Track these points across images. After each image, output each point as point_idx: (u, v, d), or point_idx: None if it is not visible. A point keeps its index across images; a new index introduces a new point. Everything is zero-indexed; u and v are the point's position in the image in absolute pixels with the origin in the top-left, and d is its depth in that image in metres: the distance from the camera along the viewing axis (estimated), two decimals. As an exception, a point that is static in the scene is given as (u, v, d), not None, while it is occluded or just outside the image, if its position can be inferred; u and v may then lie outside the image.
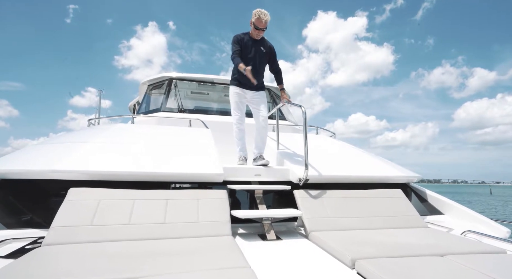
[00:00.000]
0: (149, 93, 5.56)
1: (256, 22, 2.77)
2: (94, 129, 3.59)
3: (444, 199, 2.79)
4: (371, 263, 1.42)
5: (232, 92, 2.99)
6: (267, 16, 2.77)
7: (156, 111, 4.86)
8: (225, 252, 1.51)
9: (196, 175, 2.25)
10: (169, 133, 3.17)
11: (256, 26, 2.79)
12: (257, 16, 2.75)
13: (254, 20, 2.78)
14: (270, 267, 1.53)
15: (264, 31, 2.86)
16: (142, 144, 2.69)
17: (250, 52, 2.86)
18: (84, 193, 1.92)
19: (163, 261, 1.35)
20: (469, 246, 1.74)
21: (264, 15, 2.75)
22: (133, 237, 1.72)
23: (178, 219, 1.87)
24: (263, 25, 2.79)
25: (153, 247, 1.56)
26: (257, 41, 2.91)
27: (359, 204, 2.37)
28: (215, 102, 5.62)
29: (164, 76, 5.35)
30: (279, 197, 2.69)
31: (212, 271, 1.23)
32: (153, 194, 2.01)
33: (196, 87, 5.45)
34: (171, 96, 5.11)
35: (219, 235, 1.83)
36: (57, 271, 1.21)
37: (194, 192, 2.10)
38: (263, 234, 2.09)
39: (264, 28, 2.80)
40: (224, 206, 2.05)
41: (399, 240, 1.84)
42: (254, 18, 2.78)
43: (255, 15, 2.77)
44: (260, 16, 2.74)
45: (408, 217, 2.34)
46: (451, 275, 1.31)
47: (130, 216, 1.82)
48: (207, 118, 4.35)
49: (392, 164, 3.30)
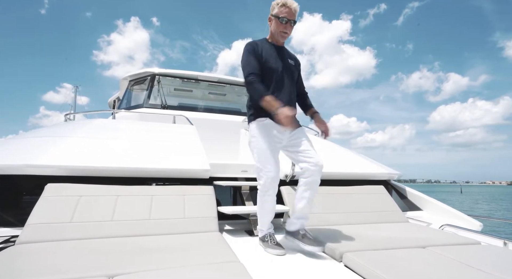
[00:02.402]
0: (131, 89, 5.40)
1: (280, 12, 1.81)
2: (73, 124, 3.43)
3: (422, 195, 2.91)
4: (357, 255, 1.46)
5: (260, 131, 1.83)
6: (295, 3, 1.83)
7: (138, 107, 4.73)
8: (214, 247, 1.49)
9: (182, 170, 2.20)
10: (153, 130, 3.09)
11: (282, 17, 1.80)
12: (281, 3, 1.81)
13: (277, 11, 1.82)
14: (258, 261, 1.53)
15: (292, 28, 1.87)
16: (125, 139, 2.60)
17: (277, 68, 1.84)
18: (63, 189, 1.82)
19: (151, 257, 1.32)
20: (447, 238, 1.83)
21: (292, 2, 1.81)
22: (117, 234, 1.65)
23: (164, 215, 1.83)
24: (293, 15, 1.82)
25: (138, 244, 1.51)
26: (282, 50, 1.94)
27: (344, 199, 2.42)
28: (199, 100, 5.55)
29: (146, 72, 5.22)
30: None
31: (202, 266, 1.21)
32: (137, 190, 1.95)
33: (180, 84, 5.35)
34: (154, 92, 4.99)
35: (206, 231, 1.80)
36: (32, 270, 1.14)
37: (180, 188, 2.06)
38: (250, 230, 2.09)
39: (294, 20, 1.84)
40: (211, 202, 2.03)
41: (383, 234, 1.90)
42: (276, 8, 1.82)
43: (277, 4, 1.82)
44: (286, 2, 1.80)
45: (390, 212, 2.42)
46: (432, 264, 1.37)
47: (113, 213, 1.76)
48: (191, 115, 4.28)
49: (374, 161, 3.39)
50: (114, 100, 7.07)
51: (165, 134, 2.97)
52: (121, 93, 5.79)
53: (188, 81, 5.34)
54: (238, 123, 4.51)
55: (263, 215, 1.86)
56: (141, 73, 5.25)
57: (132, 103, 5.15)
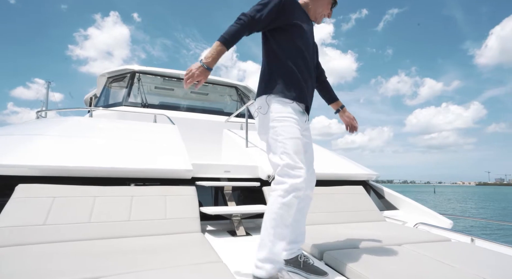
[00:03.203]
0: (109, 86, 5.22)
1: None
2: (47, 121, 3.26)
3: (398, 195, 3.03)
4: (337, 254, 1.50)
5: (291, 114, 1.35)
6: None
7: (117, 105, 4.58)
8: (196, 248, 1.48)
9: (164, 170, 2.16)
10: (133, 128, 3.01)
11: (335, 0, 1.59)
12: None
13: None
14: (241, 261, 1.53)
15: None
16: (103, 138, 2.51)
17: (309, 46, 1.49)
18: (35, 190, 1.73)
19: (132, 258, 1.28)
20: (421, 236, 1.92)
21: None
22: (95, 236, 1.59)
23: (145, 216, 1.78)
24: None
25: (119, 246, 1.47)
26: (312, 27, 1.59)
27: (325, 199, 2.47)
28: (181, 99, 5.46)
29: (126, 69, 5.07)
30: (248, 194, 2.69)
31: (185, 267, 1.20)
32: (116, 191, 1.89)
33: (161, 82, 5.24)
34: (133, 90, 4.85)
35: (189, 232, 1.78)
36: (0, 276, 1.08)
37: (161, 189, 2.01)
38: (233, 230, 2.08)
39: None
40: (193, 202, 2.00)
41: (362, 233, 1.96)
42: None
43: None
44: None
45: (368, 212, 2.50)
46: (407, 261, 1.44)
47: (90, 214, 1.69)
48: (173, 114, 4.20)
49: (353, 162, 3.49)
50: (91, 98, 6.81)
51: (146, 134, 2.90)
52: (99, 91, 5.59)
53: (170, 79, 5.24)
54: (220, 123, 4.48)
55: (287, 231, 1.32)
56: (121, 70, 5.10)
57: (111, 101, 4.98)
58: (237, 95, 5.69)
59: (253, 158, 2.86)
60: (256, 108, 1.42)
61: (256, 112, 1.42)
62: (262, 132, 1.42)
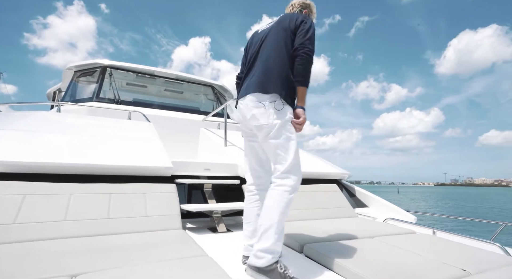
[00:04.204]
0: (76, 80, 4.92)
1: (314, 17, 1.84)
2: (6, 116, 3.02)
3: (368, 193, 3.22)
4: (317, 246, 1.58)
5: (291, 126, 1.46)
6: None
7: (87, 101, 4.35)
8: (180, 244, 1.48)
9: (143, 168, 2.11)
10: (109, 125, 2.90)
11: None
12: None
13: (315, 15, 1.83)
14: (224, 256, 1.55)
15: None
16: (77, 134, 2.39)
17: None
18: (3, 187, 1.61)
19: (114, 255, 1.25)
20: (390, 230, 2.08)
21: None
22: (72, 234, 1.53)
23: (124, 214, 1.74)
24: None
25: (98, 243, 1.42)
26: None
27: (303, 197, 2.57)
28: (154, 96, 5.29)
29: (96, 63, 4.82)
30: (227, 192, 2.71)
31: (172, 261, 1.20)
32: (93, 188, 1.82)
33: (134, 78, 5.06)
34: (104, 85, 4.64)
35: (170, 229, 1.77)
36: None
37: (140, 186, 1.97)
38: (214, 227, 2.10)
39: None
40: (173, 200, 1.99)
41: (337, 227, 2.07)
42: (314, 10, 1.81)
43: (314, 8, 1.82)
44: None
45: (342, 208, 2.64)
46: (379, 251, 1.56)
47: (66, 212, 1.62)
48: (147, 112, 4.09)
49: (327, 162, 3.64)
50: (55, 92, 6.39)
51: (122, 131, 2.81)
52: (64, 85, 5.26)
53: (143, 76, 5.07)
54: (197, 122, 4.44)
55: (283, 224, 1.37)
56: (90, 64, 4.84)
57: (79, 96, 4.70)
58: (213, 95, 5.65)
59: (232, 157, 2.89)
60: (269, 100, 1.41)
61: (265, 104, 1.41)
62: (262, 122, 1.41)
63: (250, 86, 1.47)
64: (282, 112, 1.40)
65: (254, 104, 1.43)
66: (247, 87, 1.50)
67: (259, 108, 1.41)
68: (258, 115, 1.41)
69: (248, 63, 1.60)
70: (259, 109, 1.41)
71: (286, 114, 1.41)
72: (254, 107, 1.43)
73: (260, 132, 1.43)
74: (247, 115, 1.46)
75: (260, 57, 1.53)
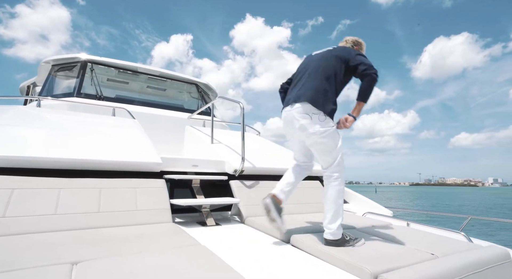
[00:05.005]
0: (54, 74, 4.75)
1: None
2: None
3: (349, 190, 3.40)
4: (302, 237, 1.69)
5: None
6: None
7: (67, 96, 4.22)
8: (173, 235, 1.53)
9: (133, 163, 2.13)
10: (94, 121, 2.86)
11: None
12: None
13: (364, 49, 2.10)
14: (215, 247, 1.62)
15: None
16: (63, 129, 2.36)
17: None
18: None
19: (109, 246, 1.28)
20: (369, 222, 2.23)
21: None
22: (63, 227, 1.54)
23: (115, 208, 1.76)
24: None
25: (91, 235, 1.45)
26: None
27: None
28: (136, 93, 5.18)
29: (75, 58, 4.67)
30: (215, 188, 2.76)
31: (168, 250, 1.25)
32: (83, 183, 1.82)
33: (115, 74, 4.95)
34: (85, 81, 4.52)
35: (161, 222, 1.81)
36: None
37: (130, 181, 1.99)
38: (203, 221, 2.15)
39: None
40: (163, 194, 2.02)
41: (321, 220, 2.19)
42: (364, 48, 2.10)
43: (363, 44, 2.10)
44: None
45: None
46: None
47: (56, 206, 1.62)
48: (131, 108, 4.04)
49: None
50: (29, 86, 6.13)
51: (108, 127, 2.79)
52: (40, 79, 5.06)
53: (124, 72, 4.97)
54: (182, 120, 4.44)
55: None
56: (69, 59, 4.68)
57: (57, 92, 4.53)
58: (197, 93, 5.64)
59: (219, 154, 2.94)
60: (313, 112, 1.67)
61: (311, 115, 1.67)
62: (310, 131, 1.67)
63: (300, 96, 1.72)
64: (325, 122, 1.67)
65: (301, 115, 1.70)
66: (296, 97, 1.75)
67: (306, 119, 1.68)
68: (306, 125, 1.67)
69: (297, 77, 1.88)
70: (306, 120, 1.68)
71: (329, 123, 1.69)
72: (301, 118, 1.69)
73: (309, 139, 1.71)
74: (296, 125, 1.73)
75: (310, 75, 1.79)
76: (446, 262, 1.29)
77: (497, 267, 1.37)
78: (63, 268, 1.00)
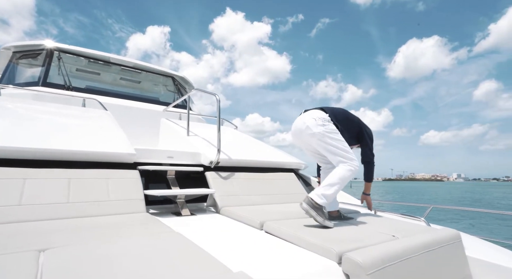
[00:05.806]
0: (16, 62, 4.45)
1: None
2: None
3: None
4: (275, 223, 1.74)
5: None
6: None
7: (31, 85, 3.98)
8: (147, 223, 1.52)
9: (105, 154, 2.06)
10: (63, 112, 2.74)
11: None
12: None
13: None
14: (190, 234, 1.63)
15: None
16: (28, 119, 2.25)
17: None
18: None
19: (80, 234, 1.25)
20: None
21: None
22: (28, 218, 1.47)
23: (85, 199, 1.71)
24: None
25: (59, 225, 1.40)
26: None
27: (262, 184, 2.73)
28: (107, 84, 4.98)
29: (40, 45, 4.37)
30: (190, 180, 2.76)
31: (142, 237, 1.24)
32: (50, 173, 1.75)
33: (85, 64, 4.72)
34: (52, 70, 4.28)
35: (135, 212, 1.79)
36: None
37: (102, 172, 1.94)
38: (178, 212, 2.15)
39: None
40: (137, 185, 1.99)
41: (294, 210, 2.26)
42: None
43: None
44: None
45: (299, 194, 2.86)
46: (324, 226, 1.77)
47: (20, 197, 1.55)
48: (102, 100, 3.88)
49: (286, 153, 3.87)
50: None
51: (78, 118, 2.68)
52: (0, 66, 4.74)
53: (95, 62, 4.76)
54: (157, 112, 4.35)
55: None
56: (32, 46, 4.39)
57: (20, 79, 4.26)
58: (173, 86, 5.54)
59: (195, 146, 2.93)
60: (319, 116, 1.96)
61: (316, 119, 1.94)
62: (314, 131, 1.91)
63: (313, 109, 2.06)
64: (326, 125, 1.92)
65: (309, 117, 1.96)
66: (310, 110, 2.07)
67: (311, 121, 1.94)
68: (311, 126, 1.92)
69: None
70: (311, 121, 1.93)
71: (330, 126, 1.94)
72: (309, 119, 1.95)
73: (313, 138, 1.92)
74: (302, 127, 1.96)
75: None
76: (404, 242, 1.40)
77: (448, 246, 1.51)
78: (30, 255, 0.97)
